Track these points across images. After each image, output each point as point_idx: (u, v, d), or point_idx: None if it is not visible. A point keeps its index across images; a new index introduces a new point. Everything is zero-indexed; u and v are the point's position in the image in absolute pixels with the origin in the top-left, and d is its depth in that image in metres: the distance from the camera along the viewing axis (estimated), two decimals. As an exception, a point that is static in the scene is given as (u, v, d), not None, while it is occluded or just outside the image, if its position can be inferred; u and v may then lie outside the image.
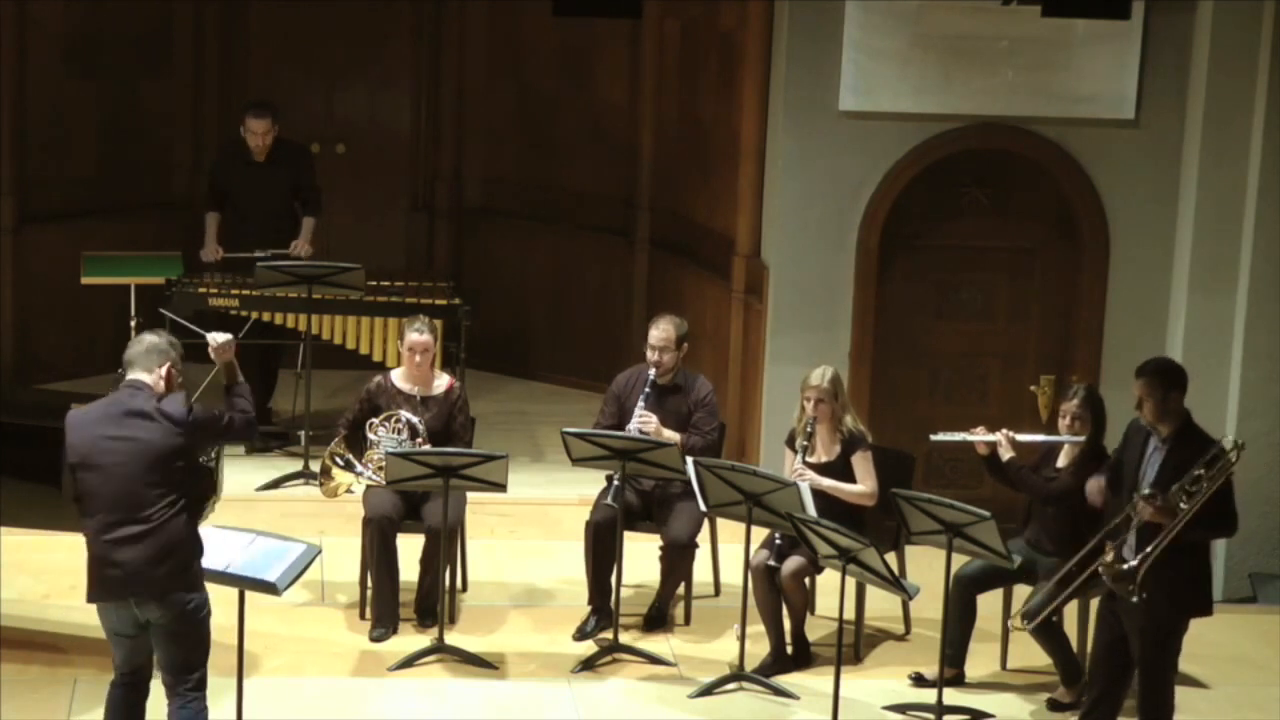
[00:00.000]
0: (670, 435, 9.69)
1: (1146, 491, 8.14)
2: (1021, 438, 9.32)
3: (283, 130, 11.92)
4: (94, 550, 7.51)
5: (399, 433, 9.66)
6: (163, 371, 7.58)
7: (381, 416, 9.70)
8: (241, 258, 11.63)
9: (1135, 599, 8.08)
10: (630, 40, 12.54)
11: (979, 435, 9.29)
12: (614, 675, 9.36)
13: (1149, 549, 8.07)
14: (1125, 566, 8.10)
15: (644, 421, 9.69)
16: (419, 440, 9.63)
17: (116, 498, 7.42)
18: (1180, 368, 8.45)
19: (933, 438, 9.42)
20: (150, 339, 7.66)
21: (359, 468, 9.70)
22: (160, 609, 7.50)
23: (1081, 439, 9.23)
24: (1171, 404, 8.26)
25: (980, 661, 9.51)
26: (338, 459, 9.75)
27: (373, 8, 13.15)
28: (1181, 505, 8.08)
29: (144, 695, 7.78)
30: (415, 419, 9.68)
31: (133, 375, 7.57)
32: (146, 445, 7.42)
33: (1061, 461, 9.32)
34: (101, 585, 7.51)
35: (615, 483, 9.45)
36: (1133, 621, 8.28)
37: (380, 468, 9.54)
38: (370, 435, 9.69)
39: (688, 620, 9.93)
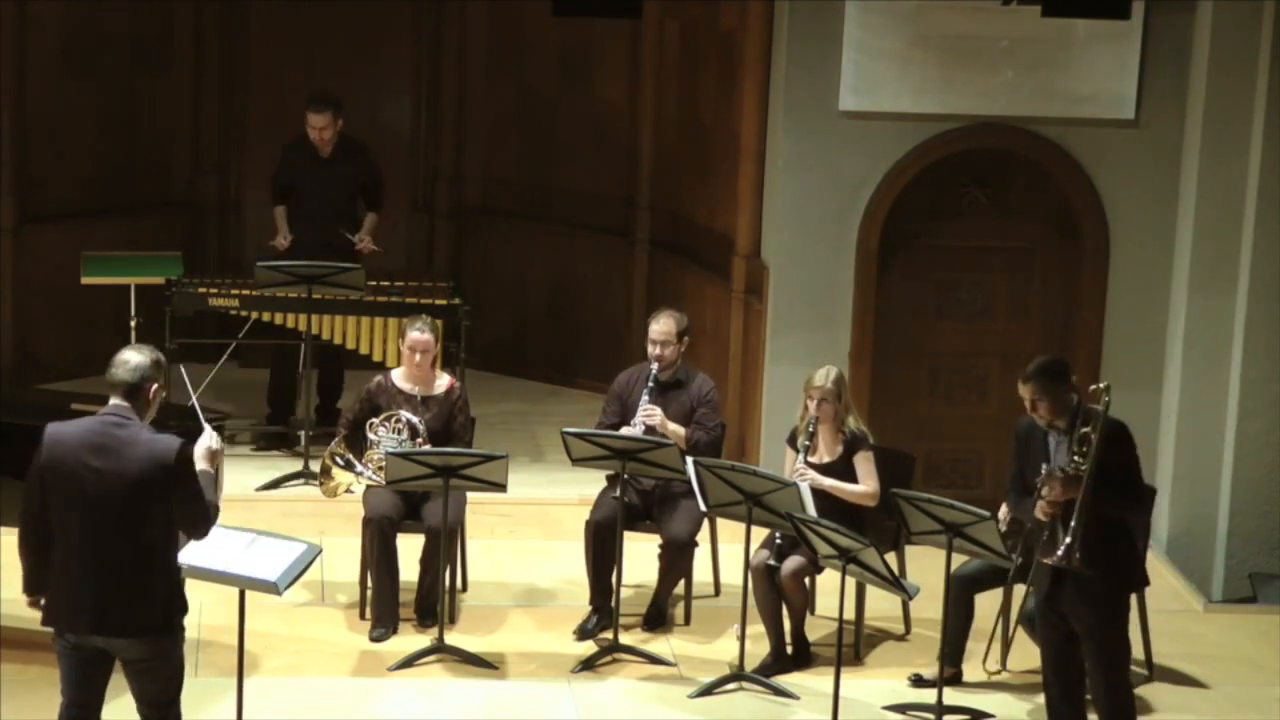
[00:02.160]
0: (675, 428, 9.70)
1: (1046, 472, 8.21)
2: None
3: (304, 126, 11.88)
4: (57, 574, 7.18)
5: (399, 433, 9.66)
6: (149, 393, 7.21)
7: (382, 416, 9.70)
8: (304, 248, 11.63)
9: (1086, 570, 8.12)
10: (630, 40, 12.54)
11: (1007, 517, 9.13)
12: (614, 675, 9.36)
13: (1073, 521, 8.10)
14: (1060, 550, 8.12)
15: (649, 415, 9.69)
16: (419, 440, 9.63)
17: (91, 529, 7.10)
18: (1063, 361, 8.53)
19: (955, 504, 9.08)
20: (135, 359, 7.22)
21: (359, 467, 9.70)
22: (130, 645, 7.20)
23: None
24: (1064, 398, 8.32)
25: (980, 661, 9.50)
26: (338, 459, 9.75)
27: (373, 8, 13.15)
28: (1080, 467, 8.13)
29: None
30: (415, 419, 9.68)
31: (116, 400, 7.18)
32: (128, 480, 7.07)
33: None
34: (68, 616, 7.20)
35: (623, 478, 9.45)
36: (1077, 614, 8.30)
37: (380, 468, 9.54)
38: (370, 435, 9.69)
39: (688, 620, 9.93)
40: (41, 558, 7.27)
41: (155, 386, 7.24)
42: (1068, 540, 8.14)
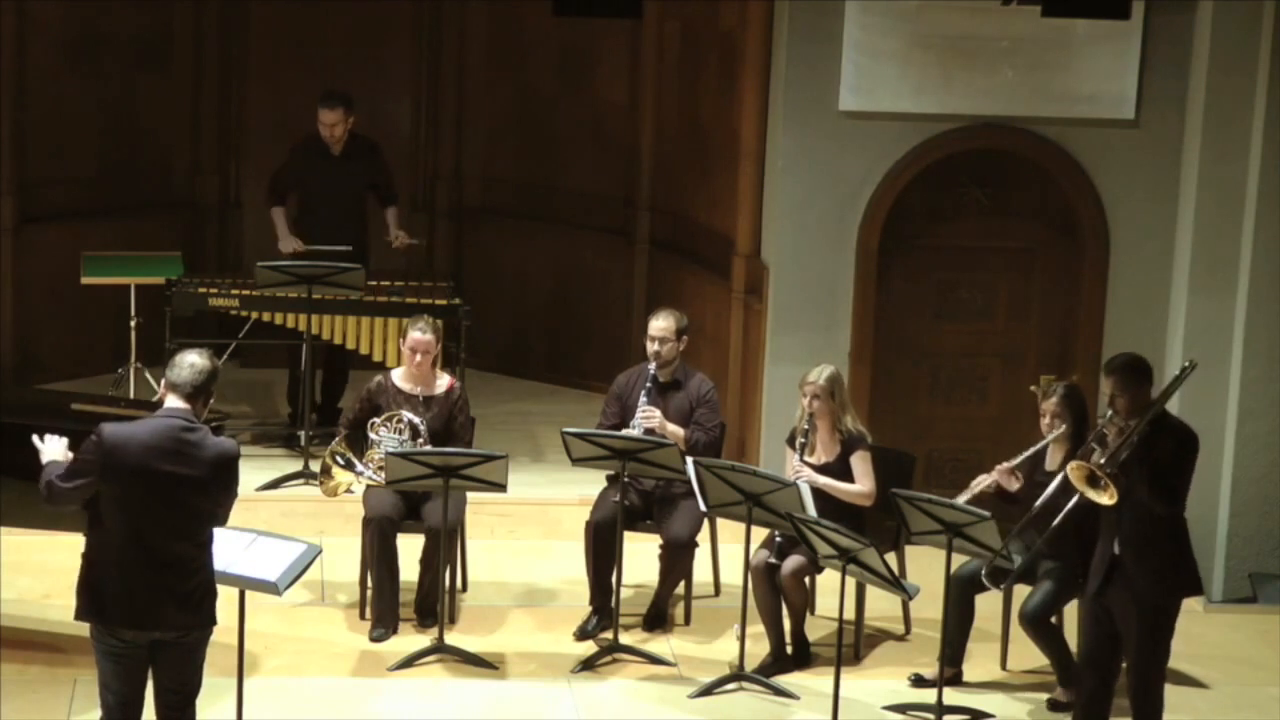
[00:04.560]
0: (674, 429, 9.70)
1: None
2: (1013, 462, 9.25)
3: (310, 126, 11.87)
4: (113, 572, 7.31)
5: (400, 433, 9.66)
6: (209, 396, 7.42)
7: (384, 417, 9.70)
8: (322, 250, 11.59)
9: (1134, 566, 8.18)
10: (630, 40, 12.54)
11: (982, 483, 9.18)
12: (614, 675, 9.36)
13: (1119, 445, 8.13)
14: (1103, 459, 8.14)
15: (647, 417, 9.69)
16: (420, 441, 9.63)
17: (156, 530, 7.26)
18: (1148, 362, 8.50)
19: (955, 503, 9.12)
20: (199, 362, 7.39)
21: (359, 467, 9.70)
22: (187, 633, 7.43)
23: (1059, 432, 9.20)
24: (1144, 398, 8.30)
25: (980, 661, 9.51)
26: (338, 458, 9.75)
27: (373, 8, 13.14)
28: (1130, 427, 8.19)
29: None
30: (417, 419, 9.68)
31: (177, 402, 7.35)
32: (199, 483, 7.28)
33: (1051, 464, 9.28)
34: (130, 616, 7.33)
35: (624, 479, 9.45)
36: (1123, 612, 8.29)
37: (381, 467, 9.54)
38: (372, 435, 9.69)
39: (688, 620, 9.93)
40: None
41: (213, 391, 7.44)
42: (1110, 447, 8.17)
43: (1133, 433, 8.16)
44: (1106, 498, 8.09)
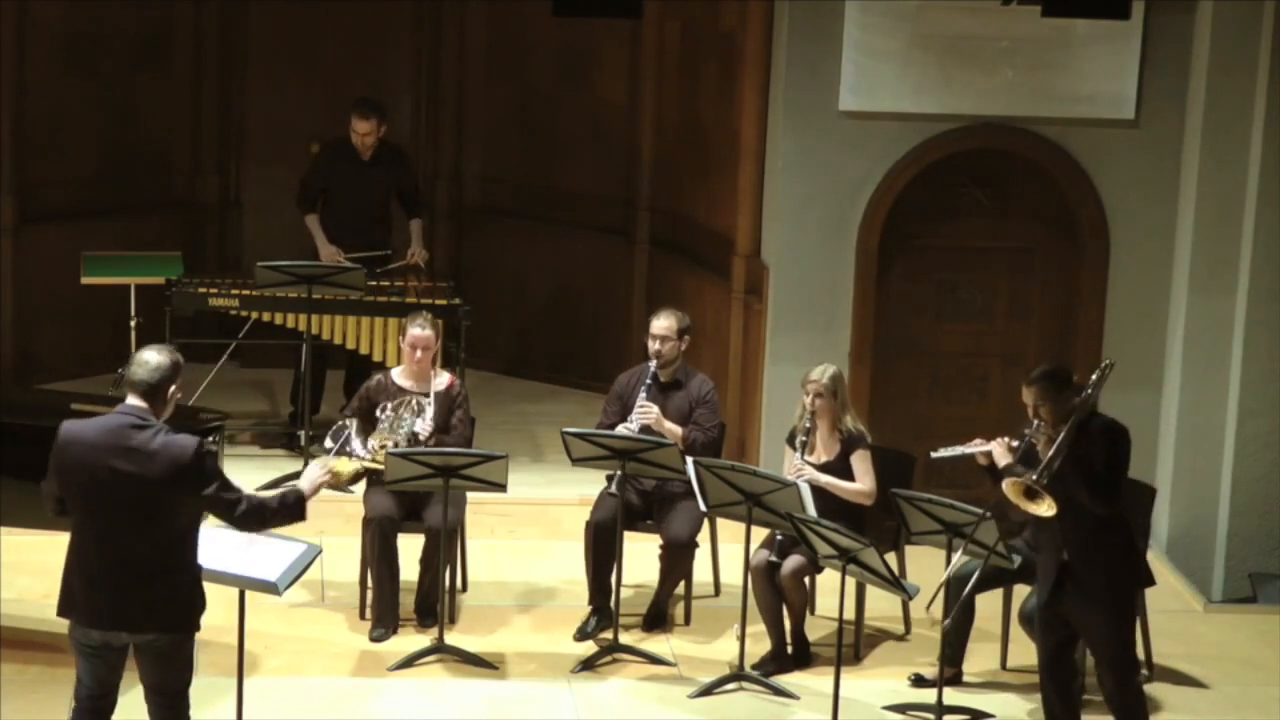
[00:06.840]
0: (672, 427, 9.69)
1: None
2: (1018, 443, 9.26)
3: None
4: (79, 573, 7.24)
5: (415, 411, 9.62)
6: (167, 394, 7.27)
7: (395, 403, 9.69)
8: (362, 257, 11.59)
9: (1081, 566, 8.23)
10: (630, 40, 12.55)
11: (977, 446, 9.23)
12: (614, 675, 9.36)
13: (1044, 465, 8.15)
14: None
15: (645, 412, 9.69)
16: (426, 423, 9.61)
17: (111, 529, 7.16)
18: (1067, 370, 8.55)
19: (934, 455, 9.30)
20: (155, 359, 7.26)
21: (358, 450, 9.63)
22: (151, 640, 7.28)
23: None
24: (1066, 406, 8.32)
25: (980, 661, 9.51)
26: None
27: (373, 8, 13.15)
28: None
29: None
30: (426, 400, 9.67)
31: (134, 400, 7.23)
32: (149, 481, 7.12)
33: None
34: (90, 614, 7.24)
35: (618, 474, 9.44)
36: (1081, 616, 8.31)
37: (382, 445, 9.49)
38: (380, 416, 9.66)
39: (688, 620, 9.93)
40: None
41: (173, 388, 7.30)
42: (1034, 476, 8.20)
43: (1062, 440, 8.18)
44: (1044, 509, 8.13)
